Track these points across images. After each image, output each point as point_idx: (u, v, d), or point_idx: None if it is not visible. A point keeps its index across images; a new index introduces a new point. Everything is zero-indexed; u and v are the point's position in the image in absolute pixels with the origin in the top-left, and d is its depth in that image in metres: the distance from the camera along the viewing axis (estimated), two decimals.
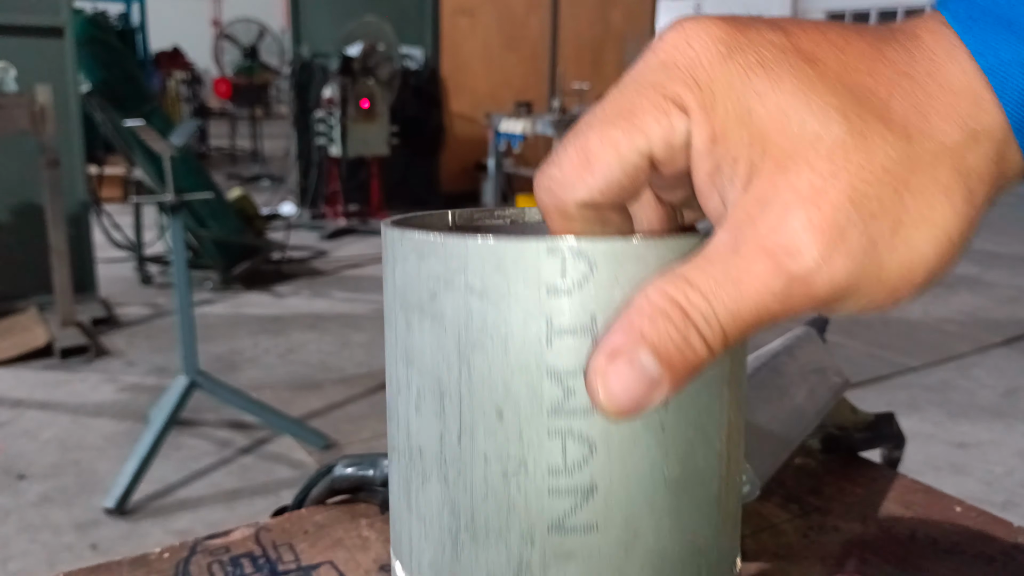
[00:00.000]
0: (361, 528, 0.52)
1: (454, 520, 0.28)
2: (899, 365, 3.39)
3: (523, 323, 0.25)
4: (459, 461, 0.27)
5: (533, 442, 0.26)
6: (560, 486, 0.26)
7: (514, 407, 0.26)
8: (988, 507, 0.55)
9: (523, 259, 0.25)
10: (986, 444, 2.70)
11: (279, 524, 0.52)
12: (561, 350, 0.25)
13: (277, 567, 0.47)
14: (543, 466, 0.26)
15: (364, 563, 0.48)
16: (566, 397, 0.26)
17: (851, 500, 0.56)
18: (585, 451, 0.26)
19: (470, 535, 0.28)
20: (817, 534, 0.52)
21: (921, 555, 0.50)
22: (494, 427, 0.26)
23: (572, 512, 0.26)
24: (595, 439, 0.26)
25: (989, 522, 0.53)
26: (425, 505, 0.29)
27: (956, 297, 4.44)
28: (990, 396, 3.12)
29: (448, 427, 0.27)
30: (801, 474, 0.60)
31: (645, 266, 0.25)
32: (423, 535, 0.29)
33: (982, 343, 3.70)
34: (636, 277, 0.25)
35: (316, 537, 0.50)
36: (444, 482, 0.28)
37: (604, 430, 0.26)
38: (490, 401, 0.26)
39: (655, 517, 0.27)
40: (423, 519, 0.29)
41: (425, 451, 0.28)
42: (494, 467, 0.27)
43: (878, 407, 0.62)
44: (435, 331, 0.27)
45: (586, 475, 0.26)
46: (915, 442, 2.53)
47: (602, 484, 0.26)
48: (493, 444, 0.27)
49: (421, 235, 0.27)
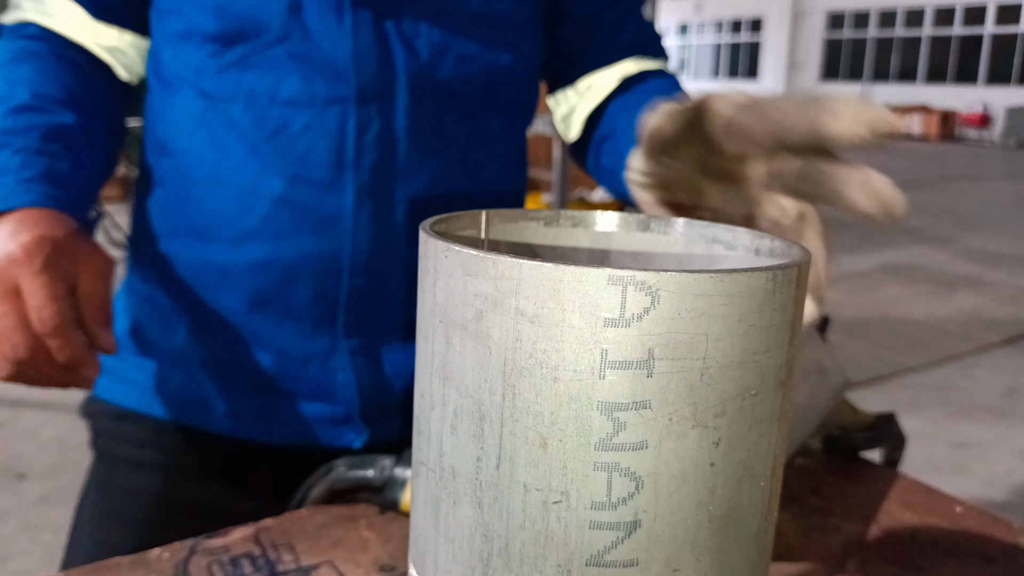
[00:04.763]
0: (361, 528, 0.52)
1: (487, 545, 0.27)
2: (900, 365, 3.38)
3: (576, 352, 0.24)
4: (496, 487, 0.26)
5: (577, 474, 0.25)
6: (602, 520, 0.25)
7: (560, 437, 0.25)
8: (989, 507, 0.55)
9: (581, 286, 0.24)
10: (987, 444, 2.70)
11: (279, 524, 0.52)
12: (614, 383, 0.24)
13: (277, 567, 0.47)
14: (586, 499, 0.25)
15: (364, 563, 0.48)
16: (616, 432, 0.25)
17: (852, 500, 0.56)
18: (631, 487, 0.25)
19: (503, 562, 0.27)
20: (818, 534, 0.52)
21: (921, 555, 0.50)
22: (537, 456, 0.25)
23: (613, 547, 0.26)
24: (643, 475, 0.25)
25: (989, 522, 0.53)
26: (455, 527, 0.28)
27: (957, 297, 4.43)
28: (991, 396, 3.12)
29: (486, 451, 0.26)
30: (802, 474, 0.60)
31: (709, 301, 0.24)
32: (451, 556, 0.28)
33: (983, 343, 3.70)
34: (700, 312, 0.24)
35: (316, 537, 0.50)
36: (478, 506, 0.27)
37: (653, 466, 0.25)
38: (534, 429, 0.25)
39: (696, 554, 0.26)
40: (452, 540, 0.28)
41: (459, 472, 0.27)
42: (534, 496, 0.26)
43: (879, 407, 0.62)
44: (479, 352, 0.26)
45: (631, 510, 0.25)
46: (916, 442, 2.53)
47: (646, 520, 0.25)
48: (534, 473, 0.26)
49: (470, 252, 0.26)
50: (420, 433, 0.30)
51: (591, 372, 0.24)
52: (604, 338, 0.24)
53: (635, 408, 0.24)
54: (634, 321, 0.24)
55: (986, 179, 9.77)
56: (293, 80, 0.61)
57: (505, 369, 0.25)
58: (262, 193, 0.62)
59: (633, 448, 0.25)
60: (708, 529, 0.26)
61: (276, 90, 0.61)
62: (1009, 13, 16.23)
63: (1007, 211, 7.26)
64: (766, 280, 0.25)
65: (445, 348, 0.27)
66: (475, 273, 0.26)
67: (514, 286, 0.25)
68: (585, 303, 0.24)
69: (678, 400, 0.25)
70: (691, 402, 0.25)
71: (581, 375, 0.24)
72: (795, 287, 0.26)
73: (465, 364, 0.27)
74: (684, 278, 0.24)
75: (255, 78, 0.62)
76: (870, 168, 0.37)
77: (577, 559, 0.26)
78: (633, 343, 0.24)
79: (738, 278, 0.24)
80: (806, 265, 0.27)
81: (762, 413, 0.26)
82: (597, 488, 0.25)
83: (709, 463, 0.25)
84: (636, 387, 0.24)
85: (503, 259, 0.25)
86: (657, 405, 0.25)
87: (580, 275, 0.24)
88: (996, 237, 6.00)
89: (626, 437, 0.25)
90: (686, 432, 0.25)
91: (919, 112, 15.74)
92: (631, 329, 0.24)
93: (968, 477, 2.47)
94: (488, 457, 0.26)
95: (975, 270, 5.02)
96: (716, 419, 0.25)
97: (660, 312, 0.24)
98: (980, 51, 16.74)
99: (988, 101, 16.03)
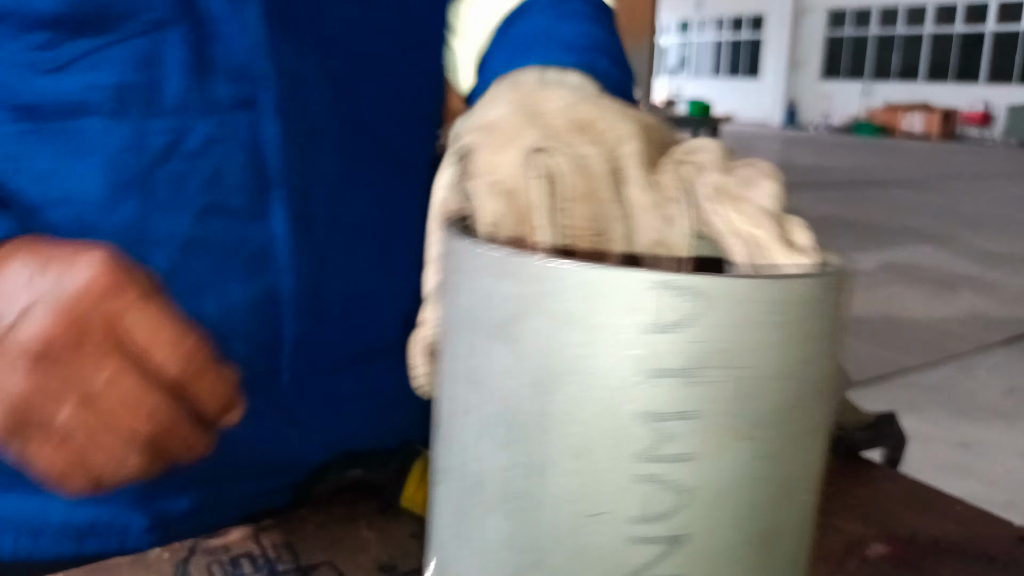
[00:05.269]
0: (361, 528, 0.52)
1: (517, 558, 0.25)
2: (900, 365, 3.38)
3: (615, 359, 0.23)
4: (527, 498, 0.25)
5: (616, 487, 0.24)
6: (642, 534, 0.24)
7: (597, 448, 0.24)
8: (989, 507, 0.55)
9: (622, 290, 0.23)
10: (988, 444, 2.70)
11: (278, 524, 0.52)
12: (657, 392, 0.23)
13: (276, 567, 0.47)
14: (625, 513, 0.24)
15: (364, 563, 0.48)
16: (658, 443, 0.23)
17: (852, 500, 0.56)
18: (674, 501, 0.24)
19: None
20: (818, 534, 0.52)
21: (922, 555, 0.50)
22: (572, 467, 0.24)
23: (654, 563, 0.24)
24: (686, 489, 0.24)
25: (990, 522, 0.53)
26: (481, 538, 0.26)
27: (957, 296, 4.43)
28: (992, 396, 3.12)
29: (517, 461, 0.25)
30: None
31: (757, 308, 0.23)
32: (477, 568, 0.27)
33: (984, 343, 3.70)
34: (747, 319, 0.23)
35: (316, 537, 0.50)
36: (508, 518, 0.25)
37: (697, 480, 0.24)
38: (569, 439, 0.24)
39: (737, 570, 0.25)
40: (478, 552, 0.27)
41: (486, 482, 0.26)
42: (568, 509, 0.24)
43: (879, 407, 0.62)
44: (509, 358, 0.25)
45: (672, 525, 0.24)
46: (916, 442, 2.53)
47: (688, 536, 0.24)
48: (569, 485, 0.24)
49: (499, 252, 0.25)
50: (442, 439, 0.28)
51: (632, 380, 0.23)
52: (644, 344, 0.23)
53: (678, 418, 0.23)
54: (676, 327, 0.23)
55: (987, 178, 9.76)
56: (178, 79, 0.46)
57: (538, 376, 0.24)
58: (159, 238, 0.46)
59: (675, 460, 0.24)
60: (750, 546, 0.25)
61: (155, 94, 0.45)
62: (1011, 11, 16.22)
63: (1008, 210, 7.25)
64: (811, 286, 0.24)
65: (470, 353, 0.26)
66: (505, 275, 0.24)
67: (548, 289, 0.24)
68: (623, 307, 0.23)
69: (722, 410, 0.24)
70: (735, 412, 0.24)
71: (620, 383, 0.23)
72: (838, 294, 0.25)
73: (494, 369, 0.25)
74: (728, 283, 0.23)
75: (120, 77, 0.45)
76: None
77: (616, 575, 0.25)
78: (674, 350, 0.23)
79: (784, 284, 0.23)
80: (849, 275, 0.26)
81: (806, 425, 0.25)
82: (637, 501, 0.24)
83: (754, 476, 0.24)
84: (678, 396, 0.23)
85: (535, 260, 0.24)
86: (700, 415, 0.23)
87: (618, 278, 0.23)
88: (997, 236, 6.00)
89: (668, 448, 0.23)
90: (730, 444, 0.24)
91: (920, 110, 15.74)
92: (672, 335, 0.23)
93: (969, 477, 2.47)
94: (518, 467, 0.25)
95: (976, 270, 5.02)
96: (760, 431, 0.24)
97: (703, 318, 0.23)
98: (982, 49, 16.73)
99: (990, 99, 16.03)
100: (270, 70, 0.47)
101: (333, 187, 0.52)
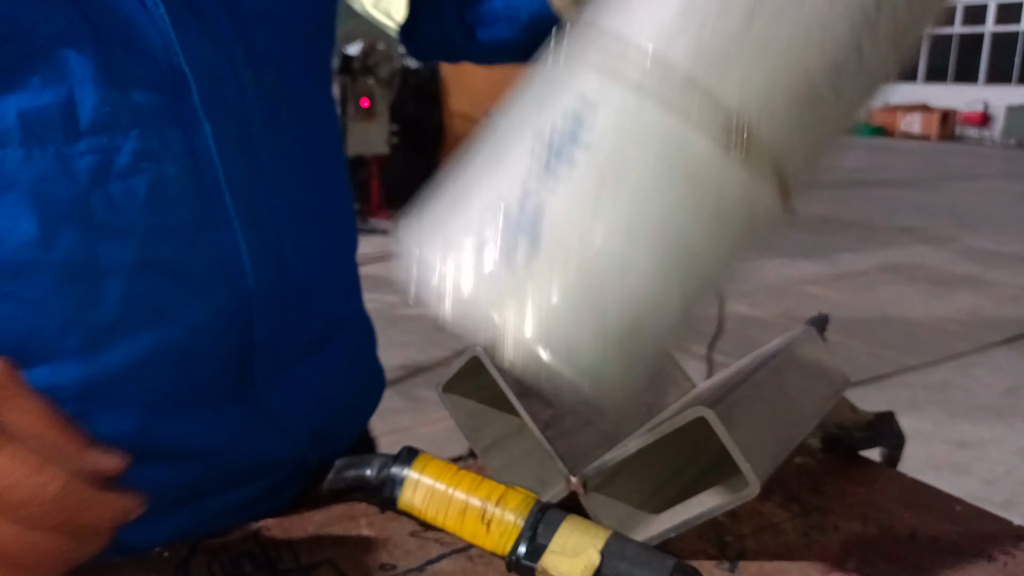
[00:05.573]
0: (361, 528, 0.52)
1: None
2: (899, 364, 3.39)
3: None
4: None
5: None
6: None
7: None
8: (988, 506, 0.55)
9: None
10: (986, 443, 2.70)
11: (279, 524, 0.52)
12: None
13: (277, 567, 0.47)
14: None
15: (364, 563, 0.48)
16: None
17: (851, 499, 0.56)
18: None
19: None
20: (817, 533, 0.52)
21: (921, 555, 0.50)
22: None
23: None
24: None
25: (989, 521, 0.53)
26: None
27: (957, 296, 4.43)
28: (991, 395, 3.12)
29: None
30: (801, 473, 0.60)
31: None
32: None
33: (983, 342, 3.70)
34: None
35: (316, 536, 0.50)
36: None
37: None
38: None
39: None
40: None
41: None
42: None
43: (878, 406, 0.62)
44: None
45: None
46: (915, 441, 2.53)
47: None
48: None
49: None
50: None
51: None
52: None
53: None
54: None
55: (986, 178, 9.77)
56: (94, 94, 0.41)
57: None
58: (107, 268, 0.43)
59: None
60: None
61: (71, 114, 0.41)
62: (1009, 12, 16.21)
63: (1007, 210, 7.26)
64: None
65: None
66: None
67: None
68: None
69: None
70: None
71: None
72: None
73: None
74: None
75: (29, 101, 0.40)
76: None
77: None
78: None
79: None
80: None
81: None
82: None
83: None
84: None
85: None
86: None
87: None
88: (996, 236, 6.00)
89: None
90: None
91: (919, 111, 15.73)
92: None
93: (968, 476, 2.47)
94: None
95: (975, 269, 5.02)
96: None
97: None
98: (980, 50, 16.73)
99: (988, 100, 16.02)
100: (187, 70, 0.44)
101: (271, 177, 0.49)
